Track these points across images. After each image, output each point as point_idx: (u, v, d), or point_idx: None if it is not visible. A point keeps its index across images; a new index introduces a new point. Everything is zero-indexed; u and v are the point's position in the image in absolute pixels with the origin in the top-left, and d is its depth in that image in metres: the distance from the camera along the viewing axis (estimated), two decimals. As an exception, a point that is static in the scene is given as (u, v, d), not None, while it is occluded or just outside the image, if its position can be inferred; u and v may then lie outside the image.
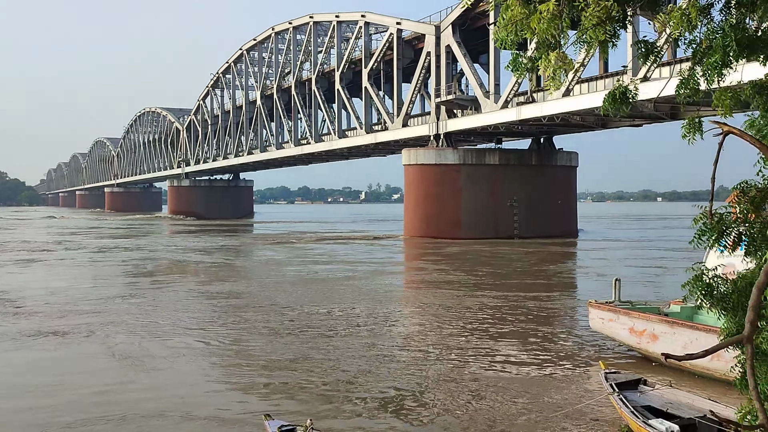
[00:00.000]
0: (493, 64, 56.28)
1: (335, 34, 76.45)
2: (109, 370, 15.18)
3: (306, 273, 34.90)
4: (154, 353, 16.64)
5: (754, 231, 4.99)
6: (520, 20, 5.04)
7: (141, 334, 18.80)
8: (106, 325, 20.11)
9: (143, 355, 16.38)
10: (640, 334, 15.13)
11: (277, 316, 21.75)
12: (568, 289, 30.17)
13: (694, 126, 4.98)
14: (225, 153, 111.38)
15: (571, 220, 65.26)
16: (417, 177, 60.65)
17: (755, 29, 5.37)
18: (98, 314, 22.06)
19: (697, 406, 10.14)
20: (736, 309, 4.95)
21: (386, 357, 16.16)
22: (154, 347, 17.29)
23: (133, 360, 15.98)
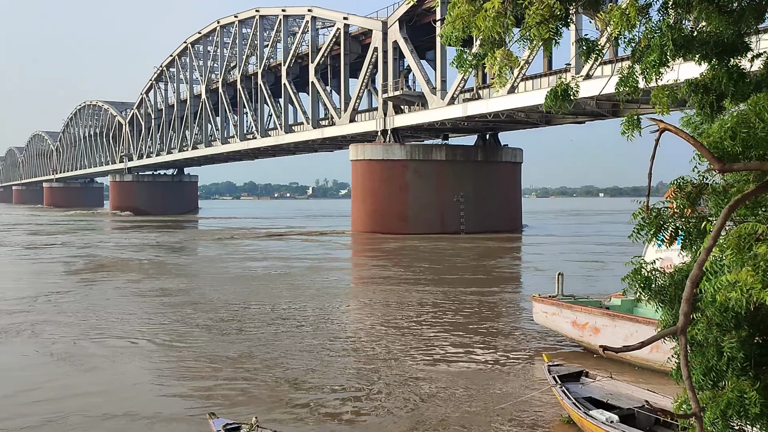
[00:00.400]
0: (440, 60, 56.65)
1: (282, 28, 75.81)
2: (48, 371, 14.78)
3: (247, 270, 34.56)
4: (94, 352, 16.27)
5: (689, 226, 5.13)
6: (466, 17, 5.06)
7: (77, 334, 18.34)
8: (39, 324, 19.56)
9: (82, 355, 15.99)
10: (582, 327, 15.45)
11: (219, 313, 21.49)
12: (512, 283, 30.61)
13: (632, 123, 5.08)
14: (169, 147, 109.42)
15: (515, 216, 66.19)
16: (364, 172, 60.65)
17: (691, 29, 5.52)
18: (29, 313, 21.44)
19: (636, 396, 10.42)
20: (673, 301, 5.08)
21: (330, 354, 16.13)
22: (93, 347, 16.90)
23: (71, 360, 15.59)
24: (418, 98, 58.89)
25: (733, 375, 4.53)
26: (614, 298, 16.10)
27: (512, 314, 21.83)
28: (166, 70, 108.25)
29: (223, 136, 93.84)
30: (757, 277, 3.52)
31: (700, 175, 5.06)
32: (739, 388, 4.39)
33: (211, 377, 14.09)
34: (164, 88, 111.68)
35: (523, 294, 25.45)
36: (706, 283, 3.95)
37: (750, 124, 4.69)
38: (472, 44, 14.64)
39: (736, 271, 3.59)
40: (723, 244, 3.74)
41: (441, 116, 55.55)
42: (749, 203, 4.60)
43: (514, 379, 13.72)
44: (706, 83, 5.76)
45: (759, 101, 4.84)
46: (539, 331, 17.79)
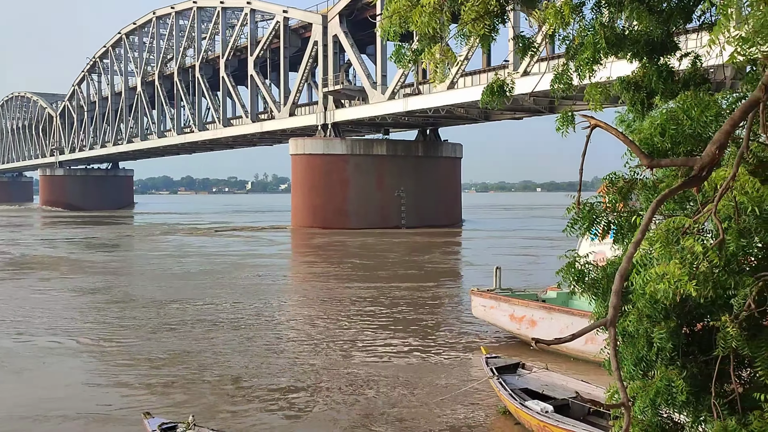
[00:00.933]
0: (380, 55, 56.70)
1: (220, 20, 74.63)
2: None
3: (181, 267, 33.98)
4: (20, 353, 15.75)
5: (621, 220, 5.26)
6: (403, 12, 5.07)
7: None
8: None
9: (6, 356, 15.44)
10: (519, 320, 15.71)
11: (153, 311, 21.08)
12: (451, 277, 30.91)
13: (566, 119, 5.17)
14: (103, 141, 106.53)
15: (455, 210, 66.87)
16: (304, 167, 60.30)
17: (623, 29, 5.66)
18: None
19: (570, 387, 10.67)
20: (606, 294, 5.20)
21: (269, 351, 16.01)
22: (19, 347, 16.35)
23: None
24: (358, 93, 58.85)
25: (662, 365, 4.66)
26: (550, 290, 16.43)
27: (451, 308, 22.05)
28: (99, 62, 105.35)
29: (160, 129, 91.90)
30: (684, 269, 3.63)
31: (631, 170, 5.19)
32: (668, 377, 4.52)
33: (145, 376, 13.80)
34: (98, 80, 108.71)
35: (462, 288, 25.74)
36: (636, 275, 4.05)
37: (678, 121, 4.83)
38: (412, 39, 14.70)
39: (664, 264, 3.70)
40: (652, 237, 3.85)
41: (382, 111, 55.63)
42: (677, 197, 4.74)
43: (453, 372, 13.87)
44: (638, 81, 5.92)
45: (687, 99, 4.99)
46: (479, 325, 18.02)
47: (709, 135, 4.72)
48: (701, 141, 4.79)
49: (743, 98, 4.90)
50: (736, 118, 3.57)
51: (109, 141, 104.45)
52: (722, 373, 4.52)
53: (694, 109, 4.80)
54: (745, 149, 3.75)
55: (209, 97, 78.77)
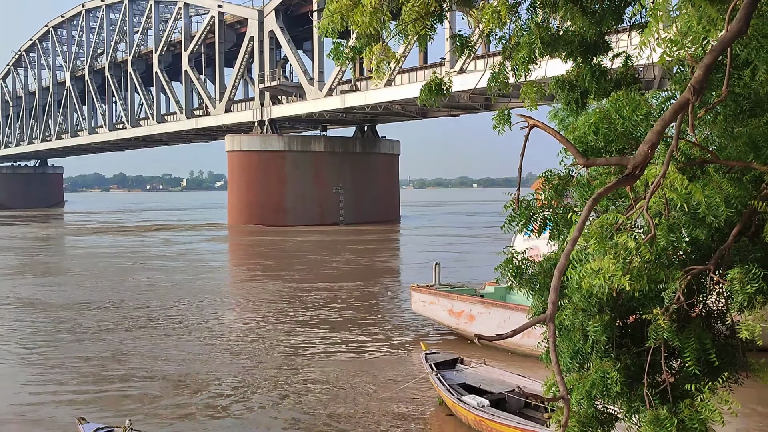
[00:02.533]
0: (317, 51, 56.43)
1: (153, 14, 72.98)
2: None
3: (114, 266, 33.19)
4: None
5: (557, 216, 5.37)
6: (344, 11, 5.06)
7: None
8: None
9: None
10: (458, 315, 15.89)
11: (84, 313, 20.53)
12: (390, 273, 31.04)
13: (503, 118, 5.25)
14: (30, 137, 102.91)
15: (393, 207, 67.16)
16: (241, 164, 59.58)
17: (557, 29, 5.77)
18: None
19: (507, 381, 10.87)
20: (543, 289, 5.31)
21: (206, 352, 15.79)
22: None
23: None
24: (295, 89, 58.44)
25: (597, 357, 4.79)
26: (488, 286, 16.67)
27: (391, 305, 22.14)
28: (26, 55, 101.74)
29: (91, 125, 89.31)
30: (617, 264, 3.73)
31: (566, 168, 5.31)
32: (602, 369, 4.64)
33: (79, 380, 13.42)
34: (24, 75, 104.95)
35: (401, 284, 25.86)
36: (572, 271, 4.14)
37: (611, 120, 4.96)
38: (350, 36, 14.73)
39: (599, 260, 3.80)
40: (587, 233, 3.94)
41: (319, 107, 55.40)
42: (610, 195, 4.87)
43: (393, 369, 13.93)
44: (572, 80, 6.05)
45: (618, 98, 5.12)
46: (418, 321, 18.14)
47: (639, 133, 4.86)
48: (632, 139, 4.93)
49: (672, 98, 5.07)
50: (666, 118, 3.68)
51: (36, 137, 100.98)
52: (654, 364, 4.67)
53: (626, 108, 4.94)
54: (674, 148, 3.88)
55: (142, 92, 76.97)
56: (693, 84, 3.52)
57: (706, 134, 5.09)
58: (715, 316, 5.04)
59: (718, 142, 4.99)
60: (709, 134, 5.08)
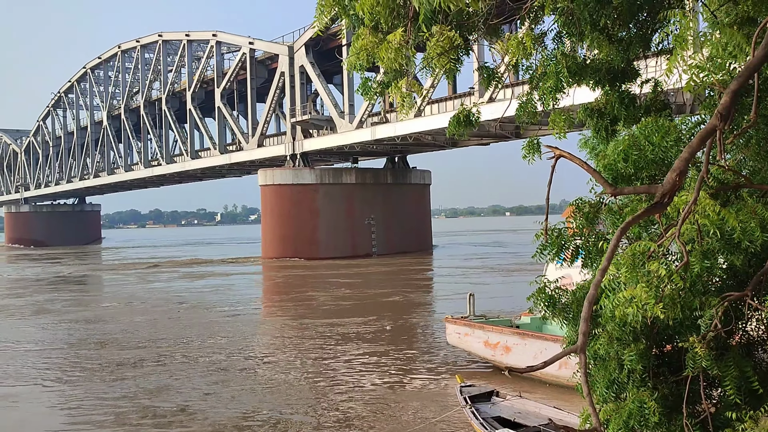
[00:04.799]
0: (347, 84, 57.04)
1: (186, 53, 74.58)
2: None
3: (152, 304, 33.54)
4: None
5: (589, 244, 5.35)
6: (370, 48, 5.15)
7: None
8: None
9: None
10: (494, 346, 15.71)
11: (126, 351, 20.74)
12: (424, 304, 30.89)
13: (532, 147, 5.28)
14: (69, 176, 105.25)
15: (426, 237, 67.06)
16: (274, 197, 60.13)
17: (584, 57, 5.80)
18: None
19: (543, 414, 10.70)
20: (577, 318, 5.26)
21: (244, 381, 15.82)
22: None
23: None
24: (326, 122, 59.03)
25: (633, 386, 4.72)
26: (524, 316, 16.46)
27: (426, 336, 22.01)
28: (64, 97, 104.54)
29: (127, 163, 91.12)
30: (650, 293, 3.71)
31: (596, 195, 5.30)
32: (640, 398, 4.58)
33: (122, 417, 13.54)
34: (63, 115, 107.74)
35: (436, 315, 25.72)
36: (605, 299, 4.12)
37: (640, 147, 4.96)
38: (378, 69, 14.87)
39: (631, 288, 3.78)
40: (619, 261, 3.93)
41: (350, 140, 55.85)
42: (643, 222, 4.84)
43: (427, 402, 13.81)
44: (601, 108, 6.07)
45: (648, 125, 5.12)
46: (453, 353, 17.99)
47: (670, 159, 4.85)
48: (663, 165, 4.91)
49: (702, 123, 5.05)
50: (694, 146, 3.68)
51: (75, 176, 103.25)
52: (693, 393, 4.60)
53: (655, 134, 4.93)
54: (705, 174, 3.86)
55: (176, 129, 78.41)
56: (720, 110, 3.51)
57: (740, 158, 5.05)
58: (755, 343, 4.95)
59: (751, 166, 4.95)
60: (742, 158, 5.04)
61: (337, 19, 5.74)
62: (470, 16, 5.16)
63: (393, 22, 4.88)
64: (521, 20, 5.66)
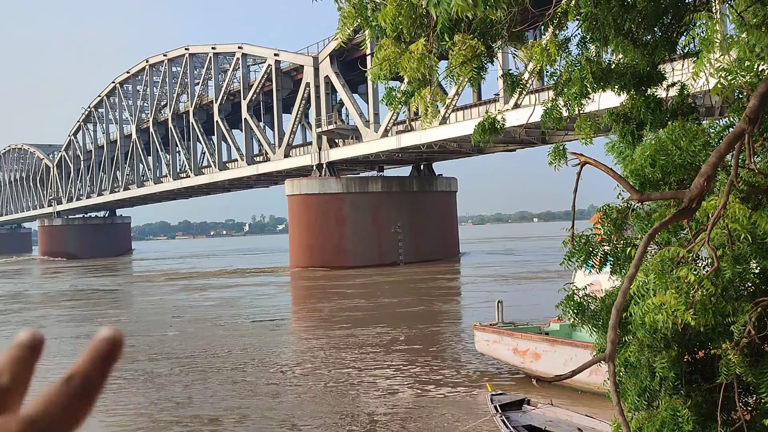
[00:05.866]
0: (372, 94, 57.18)
1: (212, 65, 75.38)
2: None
3: (183, 315, 33.83)
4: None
5: (617, 251, 5.30)
6: (392, 58, 5.17)
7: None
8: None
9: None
10: (523, 354, 15.60)
11: (162, 362, 20.95)
12: (452, 312, 30.79)
13: (558, 153, 5.25)
14: (100, 189, 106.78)
15: (453, 244, 66.84)
16: (301, 207, 60.40)
17: (609, 62, 5.76)
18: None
19: (574, 422, 10.58)
20: (606, 326, 5.20)
21: (272, 393, 15.89)
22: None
23: None
24: (351, 132, 59.24)
25: (665, 394, 4.66)
26: (553, 323, 16.34)
27: (454, 344, 21.93)
28: (94, 111, 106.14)
29: (156, 175, 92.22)
30: (680, 299, 3.66)
31: (624, 201, 5.25)
32: (672, 406, 4.51)
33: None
34: (93, 129, 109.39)
35: (464, 323, 25.61)
36: (635, 306, 4.08)
37: (668, 152, 4.90)
38: (402, 78, 14.92)
39: (660, 294, 3.73)
40: (647, 267, 3.88)
41: (375, 149, 55.97)
42: (672, 227, 4.78)
43: (457, 410, 13.75)
44: (626, 113, 6.01)
45: (675, 129, 5.06)
46: (483, 360, 17.89)
47: (698, 164, 4.78)
48: (691, 170, 4.85)
49: (731, 126, 4.98)
50: (722, 150, 3.63)
51: (105, 189, 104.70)
52: (727, 400, 4.52)
53: (683, 139, 4.88)
54: (734, 177, 3.81)
55: (204, 141, 79.22)
56: (748, 114, 3.46)
57: (770, 161, 4.97)
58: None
59: (782, 169, 4.86)
60: (773, 161, 4.96)
61: (360, 30, 5.77)
62: (493, 24, 5.16)
63: (415, 32, 4.90)
64: (545, 26, 5.64)
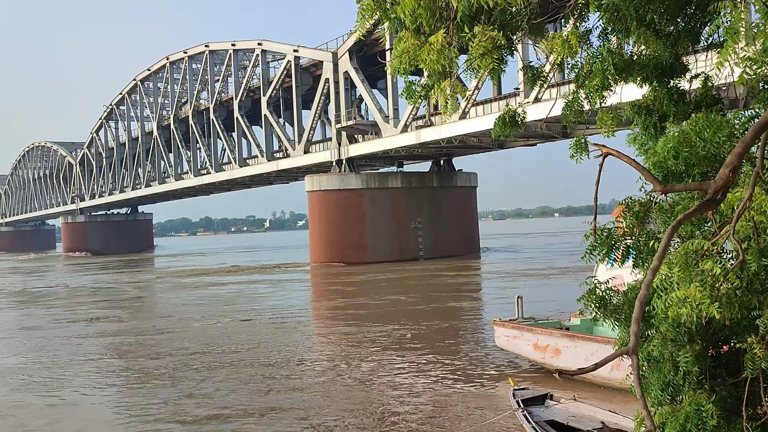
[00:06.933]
0: (391, 89, 57.15)
1: (232, 62, 75.74)
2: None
3: (207, 311, 34.05)
4: (61, 400, 15.83)
5: (640, 244, 5.24)
6: (412, 51, 5.14)
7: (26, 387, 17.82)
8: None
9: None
10: (543, 349, 15.52)
11: (184, 356, 21.12)
12: (472, 307, 30.71)
13: (580, 146, 5.20)
14: (122, 186, 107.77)
15: (473, 240, 66.67)
16: (321, 203, 60.55)
17: (631, 53, 5.69)
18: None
19: (597, 417, 10.50)
20: (629, 320, 5.15)
21: (293, 386, 15.96)
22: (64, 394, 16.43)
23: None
24: (371, 127, 59.25)
25: (689, 389, 4.61)
26: (573, 318, 16.23)
27: (475, 339, 21.88)
28: (116, 109, 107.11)
29: (177, 172, 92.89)
30: (705, 292, 3.61)
31: (646, 194, 5.19)
32: (696, 401, 4.46)
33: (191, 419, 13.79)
34: (115, 127, 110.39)
35: (484, 318, 25.54)
36: (658, 300, 4.03)
37: (691, 143, 4.84)
38: (422, 73, 14.87)
39: (684, 288, 3.68)
40: (671, 260, 3.84)
41: (395, 144, 55.94)
42: (694, 219, 4.72)
43: (477, 405, 13.72)
44: (649, 105, 5.93)
45: (699, 121, 4.99)
46: (503, 356, 17.83)
47: (723, 155, 4.72)
48: (716, 162, 4.78)
49: (756, 117, 4.90)
50: (747, 140, 3.57)
51: (127, 186, 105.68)
52: (753, 395, 4.46)
53: (707, 130, 4.81)
54: (760, 169, 3.75)
55: (224, 138, 79.66)
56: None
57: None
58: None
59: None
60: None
61: (379, 24, 5.74)
62: (513, 15, 5.12)
63: (435, 24, 4.87)
64: (565, 18, 5.59)
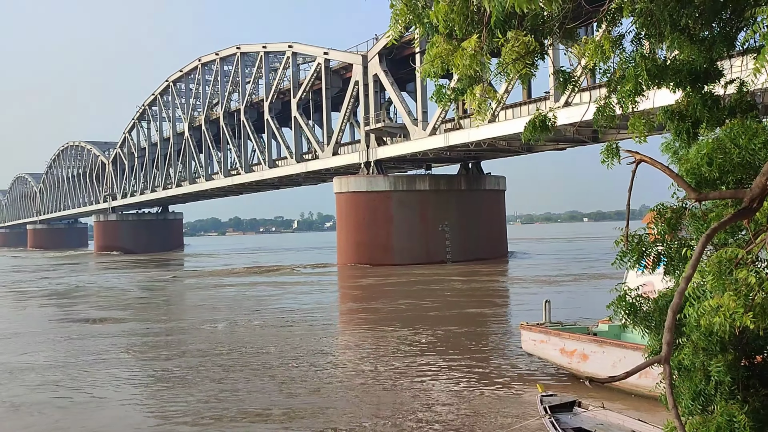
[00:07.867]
0: (420, 92, 57.13)
1: (263, 64, 76.28)
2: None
3: (236, 311, 34.28)
4: (91, 401, 16.06)
5: (671, 251, 5.18)
6: (445, 56, 5.14)
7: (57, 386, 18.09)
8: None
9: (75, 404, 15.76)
10: (570, 354, 15.40)
11: (221, 357, 21.30)
12: (500, 312, 30.54)
13: (611, 152, 5.16)
14: (153, 186, 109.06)
15: (501, 243, 66.31)
16: (349, 204, 60.70)
17: (664, 59, 5.63)
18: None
19: (626, 426, 10.38)
20: (659, 327, 5.10)
21: (317, 389, 16.01)
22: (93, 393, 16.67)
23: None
24: (400, 130, 59.27)
25: (721, 399, 4.54)
26: (601, 323, 16.08)
27: (501, 343, 21.76)
28: (148, 109, 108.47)
29: (207, 172, 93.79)
30: (739, 301, 3.56)
31: (679, 201, 5.13)
32: (728, 412, 4.40)
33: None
34: (147, 127, 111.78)
35: (512, 323, 25.39)
36: (690, 308, 3.98)
37: (726, 150, 4.77)
38: (451, 76, 14.84)
39: (718, 296, 3.63)
40: (704, 269, 3.79)
41: (423, 147, 55.90)
42: (729, 228, 4.66)
43: (505, 410, 13.64)
44: (682, 110, 5.86)
45: (733, 127, 4.93)
46: (530, 361, 17.71)
47: (759, 163, 4.65)
48: (751, 169, 4.71)
49: (792, 124, 4.82)
50: (784, 148, 3.51)
51: (159, 185, 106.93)
52: (786, 406, 4.39)
53: (742, 137, 4.75)
54: (796, 177, 3.69)
55: (254, 139, 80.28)
56: (813, 110, 3.34)
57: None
58: None
59: None
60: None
61: (410, 28, 5.75)
62: (545, 20, 5.09)
63: (467, 29, 4.87)
64: (598, 23, 5.55)
